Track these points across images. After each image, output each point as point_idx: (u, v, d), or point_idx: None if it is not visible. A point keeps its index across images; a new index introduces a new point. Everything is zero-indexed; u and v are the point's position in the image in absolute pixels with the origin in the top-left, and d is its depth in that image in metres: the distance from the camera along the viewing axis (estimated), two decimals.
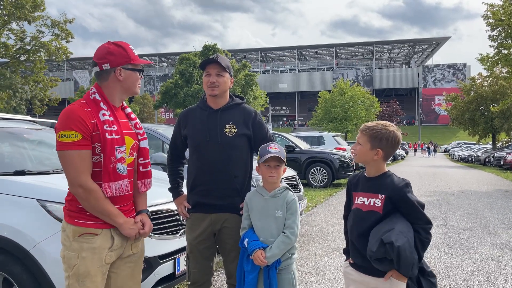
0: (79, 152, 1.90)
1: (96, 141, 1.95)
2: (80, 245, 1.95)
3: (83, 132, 1.91)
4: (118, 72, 2.05)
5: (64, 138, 1.89)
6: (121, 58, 2.05)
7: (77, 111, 1.93)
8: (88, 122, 1.92)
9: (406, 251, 1.86)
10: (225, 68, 2.51)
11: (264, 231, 2.36)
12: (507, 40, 17.71)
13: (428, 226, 1.99)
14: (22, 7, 21.88)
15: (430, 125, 77.99)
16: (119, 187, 2.01)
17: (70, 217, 1.99)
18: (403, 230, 1.93)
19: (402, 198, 1.99)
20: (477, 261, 4.80)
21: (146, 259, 2.73)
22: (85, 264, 1.94)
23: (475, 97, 31.25)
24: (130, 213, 2.15)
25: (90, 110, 1.97)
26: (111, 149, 1.97)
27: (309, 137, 16.13)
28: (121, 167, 2.02)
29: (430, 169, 21.84)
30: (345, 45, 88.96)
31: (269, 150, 2.38)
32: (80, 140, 1.90)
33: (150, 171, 2.26)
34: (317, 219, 7.34)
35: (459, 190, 11.78)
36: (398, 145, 2.10)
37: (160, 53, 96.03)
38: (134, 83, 2.12)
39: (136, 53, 2.13)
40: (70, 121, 1.90)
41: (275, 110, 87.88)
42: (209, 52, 33.35)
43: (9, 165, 3.12)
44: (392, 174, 2.10)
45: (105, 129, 1.96)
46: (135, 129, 2.20)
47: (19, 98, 24.71)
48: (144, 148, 2.21)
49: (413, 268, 1.90)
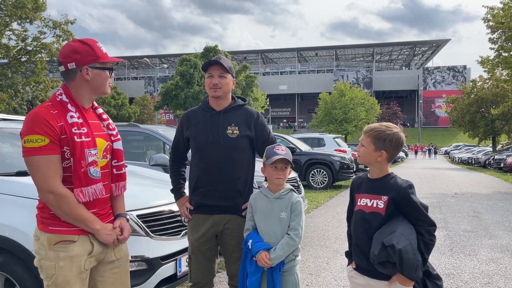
0: (47, 157, 1.80)
1: (64, 144, 1.85)
2: (56, 254, 1.85)
3: (50, 135, 1.80)
4: (85, 71, 1.93)
5: (30, 143, 1.79)
6: (87, 56, 1.92)
7: (42, 114, 1.83)
8: (55, 125, 1.82)
9: (409, 254, 1.85)
10: (227, 69, 2.51)
11: (268, 232, 2.36)
12: (507, 43, 17.73)
13: (431, 228, 1.98)
14: (23, 7, 21.91)
15: (430, 127, 78.01)
16: (92, 191, 1.91)
17: (44, 224, 1.89)
18: (405, 233, 1.92)
19: (405, 200, 1.99)
20: (478, 263, 4.80)
21: (147, 260, 2.74)
22: (63, 273, 1.85)
23: (475, 99, 31.26)
24: (107, 217, 2.06)
25: (57, 112, 1.86)
26: (81, 153, 1.86)
27: (309, 139, 16.12)
28: (93, 170, 1.91)
29: (430, 171, 21.83)
30: (345, 47, 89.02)
31: (277, 152, 2.37)
32: (48, 145, 1.80)
33: (124, 174, 2.16)
34: (317, 220, 7.34)
35: (460, 192, 11.77)
36: (401, 147, 2.10)
37: (160, 54, 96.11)
38: (103, 82, 1.99)
39: (105, 51, 2.00)
40: (36, 125, 1.79)
41: (275, 111, 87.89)
42: (210, 53, 33.38)
43: (11, 166, 3.12)
44: (395, 175, 2.09)
45: (74, 132, 1.86)
46: (108, 130, 2.10)
47: (20, 98, 24.70)
48: (118, 150, 2.10)
49: (417, 270, 1.89)
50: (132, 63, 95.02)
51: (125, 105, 51.02)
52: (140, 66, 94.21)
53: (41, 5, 23.02)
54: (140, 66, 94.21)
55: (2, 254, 2.50)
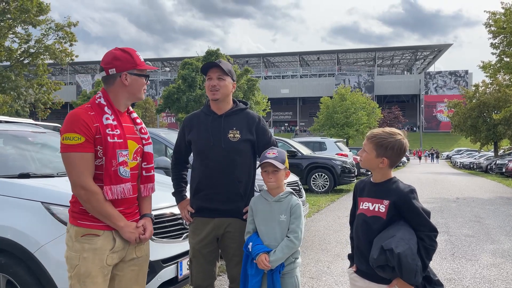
0: (82, 154, 1.94)
1: (98, 144, 1.98)
2: (81, 245, 1.98)
3: (86, 135, 1.94)
4: (124, 77, 2.09)
5: (68, 140, 1.94)
6: (127, 63, 2.09)
7: (81, 114, 1.98)
8: (91, 125, 1.97)
9: (408, 258, 1.85)
10: (226, 72, 2.52)
11: (268, 235, 2.37)
12: (509, 48, 17.75)
13: (432, 233, 1.97)
14: (27, 11, 22.03)
15: (432, 132, 77.93)
16: (121, 190, 2.03)
17: (74, 218, 2.03)
18: (404, 237, 1.92)
19: (406, 204, 1.99)
20: (479, 268, 4.79)
21: (149, 263, 2.74)
22: (86, 264, 1.96)
23: (477, 104, 31.23)
24: (133, 216, 2.16)
25: (94, 114, 2.01)
26: (112, 153, 1.99)
27: (311, 143, 16.13)
28: (123, 170, 2.04)
29: (431, 176, 21.79)
30: (347, 51, 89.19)
31: (266, 156, 2.39)
32: (83, 143, 1.94)
33: (153, 176, 2.28)
34: (318, 224, 7.33)
35: (461, 197, 11.75)
36: (404, 153, 2.10)
37: (162, 57, 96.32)
38: (139, 88, 2.15)
39: (142, 59, 2.17)
40: (74, 124, 1.94)
41: (277, 115, 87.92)
42: (212, 57, 33.45)
43: (14, 168, 3.13)
44: (398, 180, 2.09)
45: (107, 132, 1.99)
46: (140, 134, 2.22)
47: (23, 100, 24.79)
48: (148, 153, 2.23)
49: (416, 275, 1.88)
50: None
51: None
52: None
53: (45, 9, 23.15)
54: None
55: (4, 256, 2.51)
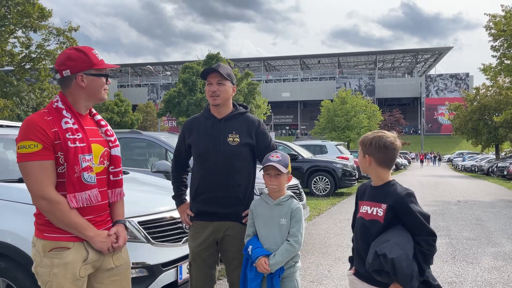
0: (40, 162, 1.81)
1: (58, 150, 1.85)
2: (50, 260, 1.85)
3: (43, 141, 1.81)
4: (80, 78, 1.93)
5: (23, 149, 1.81)
6: (82, 63, 1.93)
7: (36, 120, 1.85)
8: (48, 131, 1.83)
9: (402, 263, 1.84)
10: (225, 76, 2.52)
11: (268, 238, 2.37)
12: (510, 51, 17.76)
13: (430, 238, 1.94)
14: (28, 16, 22.11)
15: (433, 134, 77.84)
16: (86, 197, 1.90)
17: (39, 231, 1.90)
18: (400, 242, 1.91)
19: (403, 208, 1.97)
20: (480, 271, 4.78)
21: (148, 267, 2.74)
22: (58, 280, 1.84)
23: (478, 107, 31.22)
24: (105, 224, 2.04)
25: (52, 119, 1.88)
26: (74, 158, 1.86)
27: (312, 146, 16.13)
28: (87, 176, 1.90)
29: (433, 179, 21.76)
30: (347, 54, 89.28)
31: (269, 159, 2.39)
32: (40, 150, 1.81)
33: (121, 180, 2.13)
34: (319, 228, 7.32)
35: (462, 200, 11.72)
36: (387, 150, 2.06)
37: (163, 62, 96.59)
38: (99, 88, 1.99)
39: (101, 58, 2.01)
40: (29, 131, 1.82)
41: (278, 119, 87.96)
42: (212, 61, 33.54)
43: (14, 172, 3.13)
44: (396, 183, 2.08)
45: (68, 137, 1.86)
46: (106, 137, 2.09)
47: (25, 105, 24.83)
48: (115, 156, 2.09)
49: (412, 280, 1.87)
50: (135, 70, 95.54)
51: (128, 112, 51.19)
52: (143, 74, 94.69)
53: (47, 14, 23.23)
54: (143, 74, 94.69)
55: (3, 260, 2.51)
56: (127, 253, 2.15)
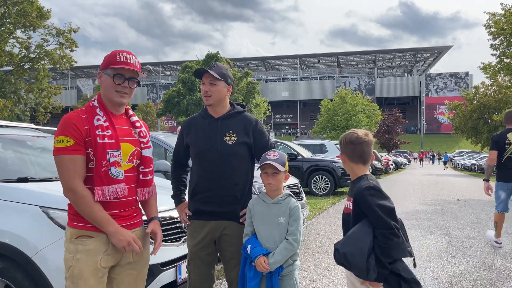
0: (71, 157, 1.94)
1: (89, 146, 1.98)
2: (75, 247, 1.98)
3: (76, 137, 1.94)
4: (99, 75, 2.10)
5: (58, 143, 1.95)
6: (104, 62, 2.08)
7: (72, 118, 1.99)
8: (81, 128, 1.96)
9: (355, 257, 1.94)
10: (216, 76, 2.51)
11: (266, 237, 2.37)
12: (509, 49, 17.77)
13: (386, 231, 1.96)
14: (27, 15, 22.11)
15: (433, 133, 77.87)
16: (113, 191, 2.00)
17: (70, 220, 2.04)
18: (356, 236, 2.00)
19: (362, 201, 2.04)
20: (480, 270, 4.77)
21: (148, 266, 2.73)
22: (79, 266, 1.95)
23: (478, 106, 31.21)
24: (131, 219, 2.13)
25: (86, 117, 2.01)
26: (102, 153, 1.98)
27: (312, 145, 16.13)
28: (114, 171, 2.01)
29: (433, 178, 21.76)
30: (347, 53, 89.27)
31: (266, 157, 2.40)
32: (72, 146, 1.94)
33: (150, 180, 2.24)
34: (319, 227, 7.32)
35: (462, 199, 11.72)
36: (353, 145, 2.17)
37: (163, 61, 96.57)
38: (108, 88, 2.07)
39: (122, 59, 2.05)
40: (65, 127, 1.96)
41: (278, 118, 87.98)
42: (212, 60, 33.55)
43: (13, 172, 3.13)
44: (365, 177, 2.14)
45: (97, 133, 1.98)
46: (139, 137, 2.19)
47: (24, 104, 24.83)
48: (146, 157, 2.20)
49: (369, 273, 1.94)
50: None
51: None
52: None
53: (45, 14, 23.22)
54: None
55: (2, 260, 2.50)
56: (148, 251, 2.25)
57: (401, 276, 2.02)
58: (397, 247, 1.99)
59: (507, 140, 5.64)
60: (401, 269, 2.03)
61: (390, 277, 2.01)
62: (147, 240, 2.25)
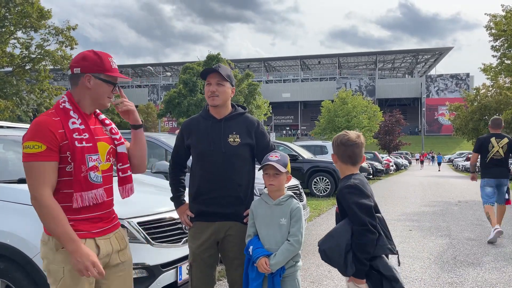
0: (41, 163, 1.83)
1: (66, 150, 1.89)
2: (64, 257, 1.88)
3: (48, 142, 1.84)
4: (87, 78, 1.98)
5: (28, 149, 1.84)
6: (93, 65, 1.98)
7: (44, 121, 1.88)
8: (55, 132, 1.86)
9: (333, 253, 2.03)
10: (225, 77, 2.52)
11: (268, 238, 2.37)
12: (510, 51, 17.77)
13: (361, 228, 2.04)
14: (28, 16, 22.15)
15: (434, 135, 77.83)
16: (92, 196, 1.94)
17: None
18: (335, 234, 2.10)
19: (341, 199, 2.13)
20: (481, 271, 4.77)
21: (148, 268, 2.74)
22: (72, 276, 1.88)
23: (478, 107, 31.18)
24: (111, 221, 2.09)
25: (59, 119, 1.91)
26: (81, 158, 1.90)
27: (312, 147, 16.14)
28: (94, 175, 1.95)
29: (433, 179, 21.75)
30: (348, 55, 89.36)
31: (268, 158, 2.40)
32: (44, 151, 1.83)
33: (130, 176, 2.18)
34: (320, 228, 7.31)
35: (463, 200, 11.71)
36: (344, 146, 2.26)
37: (164, 62, 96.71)
38: (103, 95, 2.02)
39: (115, 66, 2.05)
40: (36, 132, 1.85)
41: (278, 119, 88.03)
42: (213, 61, 33.58)
43: (14, 173, 3.13)
44: (349, 177, 2.21)
45: (75, 137, 1.90)
46: (111, 134, 2.13)
47: (26, 105, 24.86)
48: (122, 153, 2.14)
49: (347, 269, 2.02)
50: (135, 71, 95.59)
51: None
52: (143, 74, 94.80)
53: (45, 14, 23.26)
54: (143, 74, 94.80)
55: (3, 261, 2.51)
56: (129, 250, 2.20)
57: (381, 273, 2.07)
58: (373, 244, 2.05)
59: (491, 144, 6.62)
60: (380, 266, 2.08)
61: (372, 274, 2.07)
62: (126, 239, 2.19)
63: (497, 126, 6.80)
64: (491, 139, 6.65)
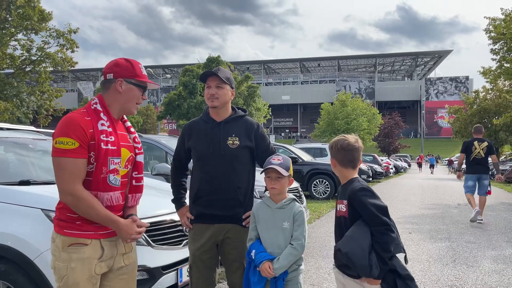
0: (74, 160, 1.89)
1: (91, 150, 1.94)
2: (69, 255, 1.93)
3: (81, 140, 1.90)
4: (119, 83, 2.06)
5: (61, 144, 1.88)
6: (125, 71, 2.08)
7: (77, 119, 1.94)
8: (86, 130, 1.92)
9: (356, 255, 1.99)
10: (224, 80, 2.53)
11: (271, 242, 2.36)
12: (509, 54, 17.81)
13: (382, 227, 2.04)
14: (29, 19, 22.18)
15: (433, 137, 77.88)
16: (108, 198, 1.99)
17: (60, 227, 1.98)
18: (355, 235, 2.05)
19: (356, 201, 2.10)
20: (480, 274, 4.77)
21: (149, 270, 2.74)
22: (74, 275, 1.91)
23: (478, 110, 31.21)
24: None
25: (90, 119, 1.97)
26: (104, 159, 1.96)
27: (312, 149, 16.14)
28: (113, 178, 2.00)
29: (433, 182, 21.75)
30: (347, 57, 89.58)
31: (270, 162, 2.39)
32: (77, 148, 1.89)
33: (142, 186, 2.24)
34: (319, 231, 7.31)
35: (463, 203, 11.69)
36: (345, 151, 2.26)
37: (163, 65, 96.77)
38: (132, 98, 2.10)
39: (144, 73, 2.15)
40: (69, 128, 1.90)
41: (278, 121, 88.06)
42: (213, 64, 33.60)
43: (14, 175, 3.14)
44: (356, 180, 2.22)
45: (102, 139, 1.96)
46: (133, 143, 2.19)
47: (26, 107, 24.86)
48: (139, 162, 2.20)
49: (371, 270, 1.99)
50: None
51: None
52: None
53: (46, 16, 23.29)
54: None
55: (4, 263, 2.51)
56: (135, 253, 2.22)
57: (397, 272, 2.07)
58: (394, 242, 2.06)
59: (474, 146, 8.26)
60: (397, 266, 2.09)
61: (386, 274, 2.07)
62: (133, 244, 2.21)
63: (478, 132, 8.53)
64: (474, 142, 8.30)
